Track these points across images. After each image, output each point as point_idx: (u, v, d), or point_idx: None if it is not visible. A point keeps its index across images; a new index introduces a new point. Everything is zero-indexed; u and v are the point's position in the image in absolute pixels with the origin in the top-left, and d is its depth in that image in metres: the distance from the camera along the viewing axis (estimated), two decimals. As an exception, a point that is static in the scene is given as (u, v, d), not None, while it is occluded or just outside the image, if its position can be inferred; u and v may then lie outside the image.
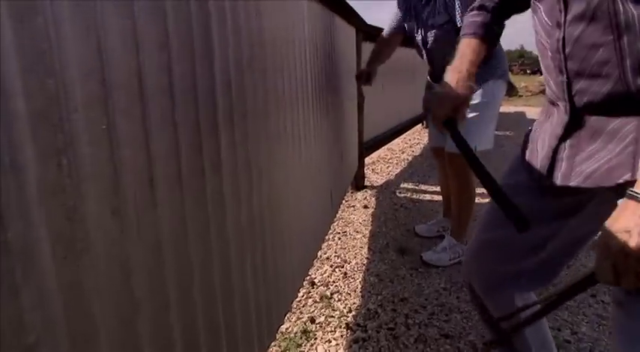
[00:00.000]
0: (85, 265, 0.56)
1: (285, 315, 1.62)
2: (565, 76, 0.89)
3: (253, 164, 1.15)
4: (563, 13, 0.87)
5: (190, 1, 0.83)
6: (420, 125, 6.90)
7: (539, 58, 0.99)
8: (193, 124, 0.83)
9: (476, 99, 2.33)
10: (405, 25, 2.51)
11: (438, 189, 3.13)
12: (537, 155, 1.01)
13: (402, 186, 4.10)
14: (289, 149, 1.54)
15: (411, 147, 6.06)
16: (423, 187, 4.03)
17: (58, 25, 0.51)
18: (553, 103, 0.98)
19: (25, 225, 0.48)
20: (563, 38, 0.87)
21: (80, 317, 0.56)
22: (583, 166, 0.88)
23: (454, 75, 1.15)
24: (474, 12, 1.24)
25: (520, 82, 16.10)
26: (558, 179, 0.93)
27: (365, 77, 2.75)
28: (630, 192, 0.72)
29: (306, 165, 1.81)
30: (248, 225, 1.12)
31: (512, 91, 2.62)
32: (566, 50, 0.87)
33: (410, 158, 5.38)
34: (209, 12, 0.91)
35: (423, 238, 2.86)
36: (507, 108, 10.65)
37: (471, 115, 2.34)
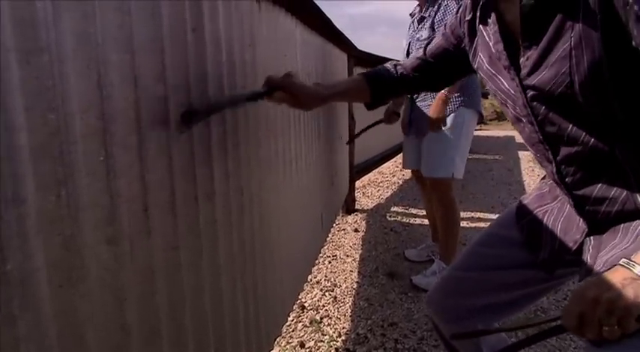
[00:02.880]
0: (80, 293, 0.58)
1: (275, 340, 1.62)
2: (571, 198, 0.92)
3: (245, 190, 1.17)
4: (550, 152, 0.90)
5: (187, 33, 0.86)
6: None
7: None
8: (188, 154, 0.86)
9: (447, 123, 2.38)
10: (404, 41, 2.65)
11: (428, 213, 3.16)
12: (541, 239, 1.03)
13: (392, 209, 4.13)
14: (280, 174, 1.56)
15: (401, 170, 6.10)
16: (413, 211, 4.07)
17: (62, 62, 0.54)
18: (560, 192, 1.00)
19: (24, 255, 0.49)
20: (559, 171, 0.90)
21: (74, 345, 0.57)
22: (604, 258, 0.89)
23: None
24: (391, 65, 1.27)
25: (497, 107, 16.34)
26: (583, 276, 0.93)
27: (394, 117, 2.80)
28: (626, 261, 0.73)
29: (297, 189, 1.83)
30: (239, 250, 1.13)
31: (482, 119, 2.68)
32: (566, 179, 0.90)
33: (400, 181, 5.42)
34: (205, 43, 0.94)
35: (413, 262, 2.87)
36: (497, 132, 10.81)
37: (442, 140, 2.40)
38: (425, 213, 3.10)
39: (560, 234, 0.99)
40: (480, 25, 0.98)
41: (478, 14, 0.98)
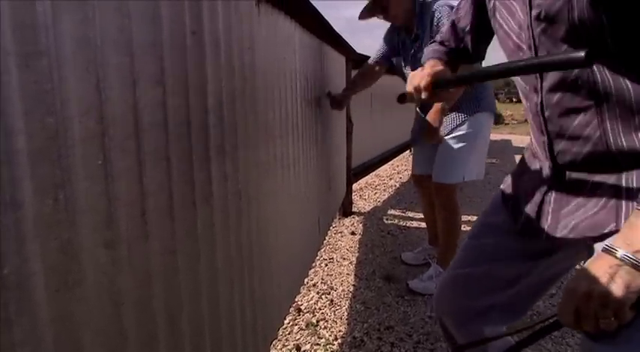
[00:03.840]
0: (76, 297, 0.58)
1: (272, 343, 1.61)
2: (546, 136, 0.93)
3: (243, 193, 1.16)
4: (539, 80, 0.90)
5: (186, 36, 0.86)
6: (407, 152, 6.98)
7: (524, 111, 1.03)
8: (186, 157, 0.85)
9: (462, 130, 2.39)
10: (394, 59, 2.59)
11: (424, 216, 3.17)
12: (521, 207, 1.04)
13: (389, 212, 4.13)
14: (278, 177, 1.56)
15: (398, 173, 6.11)
16: (410, 214, 4.07)
17: (61, 66, 0.54)
18: (535, 156, 1.02)
19: (20, 259, 0.49)
20: (542, 102, 0.91)
21: (70, 350, 0.57)
22: (568, 219, 0.90)
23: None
24: (435, 43, 1.30)
25: (506, 110, 16.42)
26: (545, 232, 0.95)
27: (336, 103, 2.75)
28: (607, 247, 0.74)
29: (295, 192, 1.83)
30: (236, 253, 1.13)
31: (498, 119, 2.68)
32: (546, 113, 0.91)
33: (397, 184, 5.43)
34: (204, 46, 0.94)
35: (410, 266, 2.87)
36: (494, 136, 10.79)
37: (457, 146, 2.40)
38: (422, 216, 3.10)
39: (532, 193, 1.00)
40: None
41: None
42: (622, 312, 0.70)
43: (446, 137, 2.42)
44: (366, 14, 2.44)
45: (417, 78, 1.12)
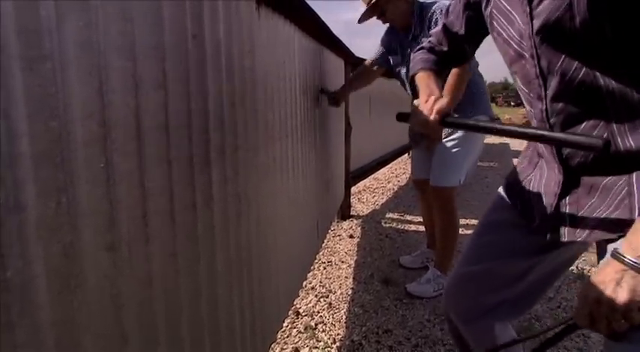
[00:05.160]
0: (78, 300, 0.58)
1: (270, 346, 1.61)
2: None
3: (243, 196, 1.17)
4: (542, 88, 0.91)
5: (188, 40, 0.86)
6: (406, 155, 7.00)
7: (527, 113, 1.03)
8: (187, 160, 0.86)
9: (458, 133, 2.40)
10: (390, 58, 2.59)
11: (423, 219, 3.17)
12: (534, 209, 1.04)
13: (387, 215, 4.13)
14: (277, 180, 1.57)
15: (397, 176, 6.12)
16: (409, 217, 4.07)
17: (64, 70, 0.54)
18: (542, 157, 1.02)
19: (23, 262, 0.49)
20: (547, 109, 0.92)
21: (71, 352, 0.57)
22: (586, 221, 0.92)
23: (425, 94, 1.17)
24: (424, 51, 1.30)
25: (504, 113, 16.45)
26: (565, 236, 0.97)
27: (333, 100, 2.75)
28: (615, 253, 0.77)
29: (294, 195, 1.83)
30: (236, 256, 1.13)
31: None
32: (551, 120, 0.92)
33: (396, 188, 5.43)
34: (205, 50, 0.94)
35: (408, 269, 2.87)
36: (491, 139, 10.84)
37: (454, 150, 2.41)
38: (420, 219, 3.10)
39: (544, 195, 1.01)
40: None
41: None
42: (630, 315, 0.74)
43: (443, 141, 2.43)
44: (365, 16, 2.47)
45: (425, 111, 1.11)
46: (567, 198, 0.96)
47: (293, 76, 1.79)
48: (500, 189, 1.18)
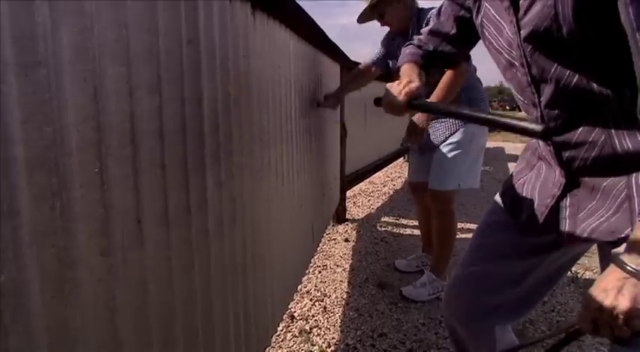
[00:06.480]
0: (72, 305, 0.58)
1: (265, 350, 1.61)
2: (552, 146, 0.95)
3: (237, 200, 1.17)
4: (536, 95, 0.92)
5: (182, 45, 0.87)
6: (401, 159, 7.01)
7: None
8: (181, 164, 0.86)
9: (456, 137, 2.41)
10: (390, 62, 2.61)
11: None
12: (521, 204, 1.06)
13: (382, 219, 4.14)
14: (272, 184, 1.57)
15: (392, 180, 6.13)
16: (404, 221, 4.08)
17: (59, 75, 0.54)
18: (542, 159, 1.03)
19: (17, 267, 0.49)
20: (542, 116, 0.93)
21: (65, 357, 0.57)
22: (587, 222, 0.93)
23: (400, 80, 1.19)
24: (413, 46, 1.31)
25: (499, 118, 16.39)
26: (565, 236, 0.98)
27: (331, 102, 2.75)
28: (617, 260, 0.77)
29: (289, 199, 1.84)
30: (230, 260, 1.13)
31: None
32: (549, 125, 0.93)
33: (391, 191, 5.44)
34: (200, 55, 0.95)
35: (403, 273, 2.88)
36: (487, 143, 10.87)
37: (452, 154, 2.42)
38: (416, 223, 3.11)
39: (538, 194, 1.03)
40: None
41: None
42: (632, 322, 0.74)
43: (441, 145, 2.44)
44: (363, 18, 2.49)
45: (394, 92, 1.14)
46: (568, 200, 0.96)
47: (288, 80, 1.79)
48: (501, 190, 1.20)
